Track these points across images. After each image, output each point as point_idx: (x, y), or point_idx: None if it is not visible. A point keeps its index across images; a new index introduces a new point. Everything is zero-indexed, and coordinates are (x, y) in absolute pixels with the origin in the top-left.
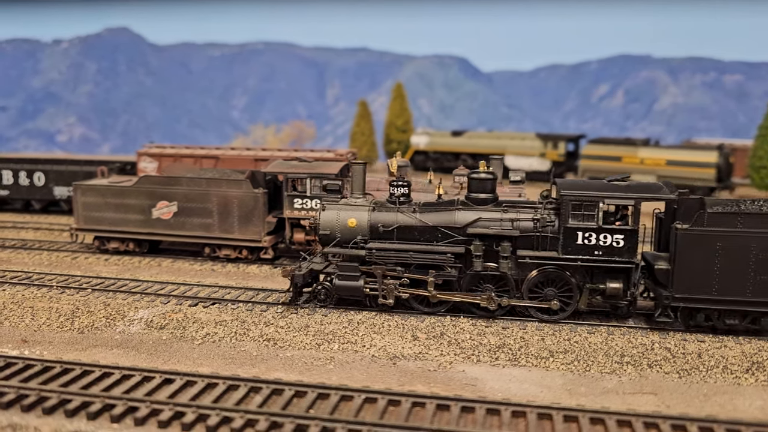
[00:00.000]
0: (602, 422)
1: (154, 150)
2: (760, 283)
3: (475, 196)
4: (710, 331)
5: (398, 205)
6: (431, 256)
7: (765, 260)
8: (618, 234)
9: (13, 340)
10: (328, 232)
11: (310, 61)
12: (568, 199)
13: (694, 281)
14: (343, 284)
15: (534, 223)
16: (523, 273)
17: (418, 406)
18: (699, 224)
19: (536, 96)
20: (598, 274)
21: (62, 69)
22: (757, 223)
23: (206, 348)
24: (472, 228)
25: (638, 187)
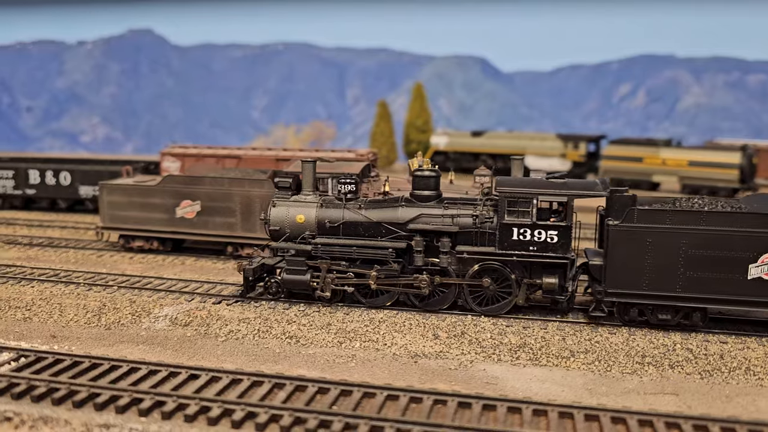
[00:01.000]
0: (623, 422)
1: (177, 150)
2: (690, 279)
3: (419, 193)
4: (645, 326)
5: (345, 201)
6: (373, 251)
7: (694, 256)
8: (552, 230)
9: (42, 336)
10: (278, 227)
11: (330, 62)
12: (504, 195)
13: (625, 276)
14: (290, 278)
15: (473, 219)
16: (464, 268)
17: (440, 404)
18: (629, 220)
19: (557, 96)
20: (535, 269)
21: (86, 70)
22: (686, 220)
23: (230, 345)
24: (413, 224)
25: (572, 185)
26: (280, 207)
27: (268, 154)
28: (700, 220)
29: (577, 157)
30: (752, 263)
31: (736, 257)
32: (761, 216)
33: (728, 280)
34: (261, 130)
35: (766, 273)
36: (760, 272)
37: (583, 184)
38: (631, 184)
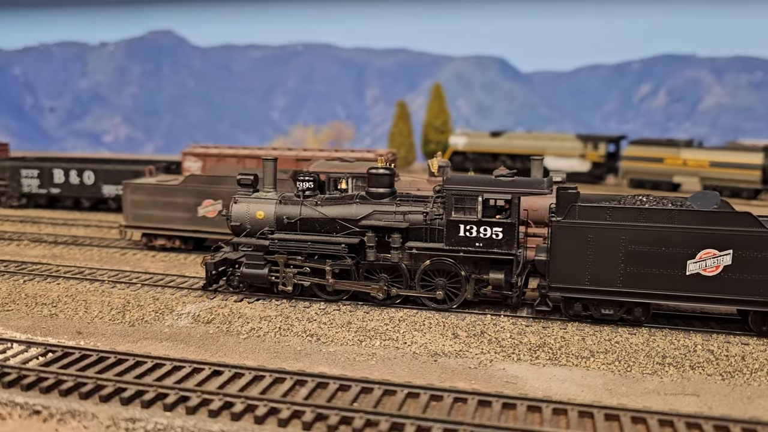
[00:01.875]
0: (644, 421)
1: (199, 150)
2: (630, 274)
3: (374, 190)
4: (589, 321)
5: (303, 198)
6: (327, 246)
7: (634, 252)
8: (497, 227)
9: (68, 332)
10: (239, 223)
11: (349, 62)
12: (451, 193)
13: (567, 271)
14: (249, 272)
15: (424, 216)
16: (416, 264)
17: (460, 402)
18: (570, 216)
19: (576, 96)
20: (483, 265)
21: (108, 71)
22: (626, 217)
23: (251, 342)
24: (366, 220)
25: (517, 183)
26: (242, 203)
27: (289, 154)
28: (639, 217)
29: (596, 157)
30: (690, 259)
31: (674, 253)
32: (699, 213)
33: (668, 276)
34: (280, 130)
35: (704, 269)
36: (698, 268)
37: (528, 183)
38: (652, 185)
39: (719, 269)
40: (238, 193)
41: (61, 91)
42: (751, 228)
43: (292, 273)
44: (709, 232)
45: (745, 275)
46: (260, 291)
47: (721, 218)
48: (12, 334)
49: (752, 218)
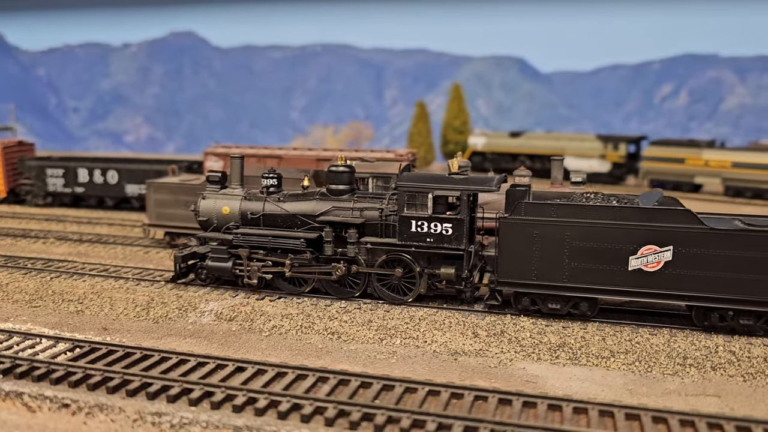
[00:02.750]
0: (665, 421)
1: (220, 149)
2: (574, 270)
3: (334, 187)
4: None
5: (266, 195)
6: (287, 241)
7: (578, 248)
8: (447, 223)
9: (94, 328)
10: (206, 218)
11: (368, 63)
12: (403, 190)
13: (515, 266)
14: (214, 265)
15: (379, 212)
16: (374, 258)
17: (481, 400)
18: (517, 213)
19: (596, 97)
20: (436, 260)
21: (130, 72)
22: (570, 213)
23: (273, 340)
24: (324, 216)
25: (466, 180)
26: (209, 199)
27: (309, 154)
28: (582, 214)
29: (616, 158)
30: (632, 255)
31: (617, 249)
32: (639, 210)
33: (611, 271)
34: (300, 130)
35: (645, 265)
36: (640, 264)
37: (478, 180)
38: (673, 186)
39: (660, 265)
40: (207, 189)
41: (84, 91)
42: (691, 225)
43: (257, 267)
44: (649, 229)
45: (685, 271)
46: (226, 283)
47: (661, 215)
48: (40, 329)
49: (691, 215)
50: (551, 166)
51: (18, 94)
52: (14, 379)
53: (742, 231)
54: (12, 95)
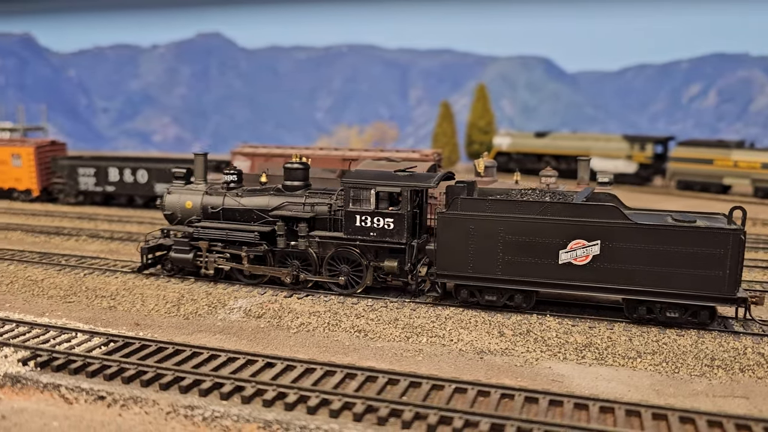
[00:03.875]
0: (692, 422)
1: (248, 149)
2: (508, 263)
3: (289, 183)
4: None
5: (226, 190)
6: (242, 234)
7: (511, 242)
8: (389, 218)
9: (127, 323)
10: (171, 212)
11: (393, 63)
12: (348, 186)
13: (453, 260)
14: (176, 256)
15: (328, 207)
16: (325, 251)
17: (507, 398)
18: (454, 208)
19: (623, 97)
20: (382, 253)
21: (159, 73)
22: (504, 209)
23: (301, 337)
24: (277, 210)
25: (408, 177)
26: (174, 194)
27: (335, 154)
28: (514, 209)
29: (643, 158)
30: (562, 249)
31: (547, 243)
32: (568, 206)
33: (542, 265)
34: (325, 130)
35: (574, 258)
36: (570, 258)
37: (419, 177)
38: (701, 187)
39: (588, 258)
40: (173, 184)
41: (114, 92)
42: (616, 220)
43: (213, 258)
44: (578, 224)
45: (612, 264)
46: (189, 274)
47: (589, 210)
48: (75, 324)
49: (617, 211)
50: (578, 166)
51: (49, 94)
52: (51, 372)
53: (663, 226)
54: (44, 96)
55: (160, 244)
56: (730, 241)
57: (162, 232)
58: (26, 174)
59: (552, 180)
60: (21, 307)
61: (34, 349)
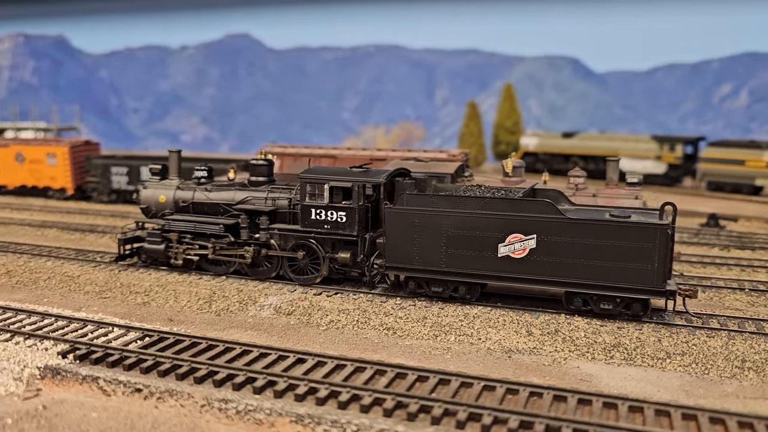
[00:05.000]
0: (722, 422)
1: (277, 149)
2: (451, 256)
3: (254, 179)
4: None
5: (196, 185)
6: (208, 227)
7: (453, 235)
8: (341, 211)
9: (160, 319)
10: (146, 206)
11: (419, 63)
12: (304, 181)
13: (400, 252)
14: (149, 247)
15: (288, 201)
16: (286, 243)
17: (536, 396)
18: (400, 204)
19: (652, 97)
20: (337, 245)
21: (188, 73)
22: (447, 204)
23: (331, 334)
24: (241, 204)
25: (358, 173)
26: (149, 189)
27: (363, 154)
28: (456, 204)
29: (673, 159)
30: (501, 243)
31: (487, 237)
32: (506, 201)
33: (483, 258)
34: (351, 130)
35: (513, 252)
36: (508, 251)
37: (370, 173)
38: (732, 188)
39: (526, 252)
40: (149, 180)
41: (144, 92)
42: (551, 215)
43: (182, 249)
44: (515, 218)
45: (548, 258)
46: (163, 265)
47: (526, 206)
48: (111, 319)
49: (552, 206)
50: (607, 166)
51: (82, 95)
52: (90, 365)
53: (593, 221)
54: (76, 96)
55: (137, 236)
56: (657, 235)
57: (137, 224)
58: (61, 173)
59: (581, 180)
60: (59, 302)
61: (73, 342)
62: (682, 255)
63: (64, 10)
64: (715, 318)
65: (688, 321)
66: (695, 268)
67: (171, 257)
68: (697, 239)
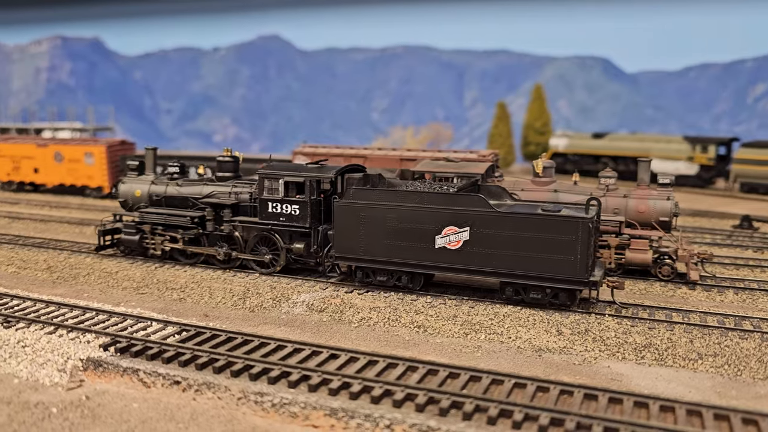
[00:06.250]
0: (755, 423)
1: (308, 149)
2: (393, 247)
3: (221, 174)
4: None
5: (169, 180)
6: (177, 219)
7: (395, 228)
8: (295, 204)
9: (196, 315)
10: (124, 199)
11: (449, 64)
12: (262, 176)
13: (347, 244)
14: (125, 238)
15: (249, 195)
16: (249, 234)
17: (566, 394)
18: (347, 198)
19: (684, 97)
20: (294, 237)
21: (219, 74)
22: (390, 198)
23: (362, 331)
24: (207, 198)
25: (310, 169)
26: (127, 184)
27: (393, 154)
28: (397, 198)
29: (705, 160)
30: (437, 235)
31: (426, 229)
32: (442, 195)
33: (422, 249)
34: (380, 131)
35: (448, 243)
36: (444, 242)
37: (321, 169)
38: (766, 189)
39: (460, 243)
40: (127, 175)
41: (177, 93)
42: (483, 209)
43: (155, 240)
44: (449, 212)
45: (480, 249)
46: (140, 255)
47: (459, 200)
48: (149, 313)
49: (483, 200)
50: (638, 167)
51: (116, 96)
52: (130, 357)
53: (520, 214)
54: (111, 97)
55: (116, 227)
56: (579, 228)
57: (114, 216)
58: (98, 172)
59: (611, 181)
60: (98, 297)
61: (114, 335)
62: (715, 257)
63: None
64: (748, 320)
65: (617, 311)
66: (728, 270)
67: (146, 247)
68: (730, 241)
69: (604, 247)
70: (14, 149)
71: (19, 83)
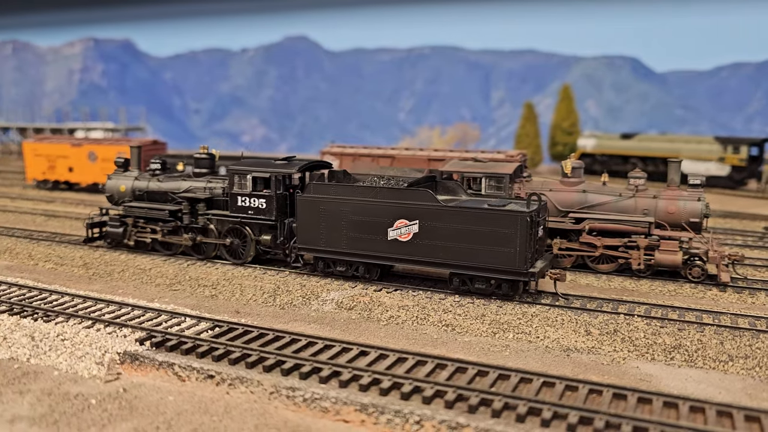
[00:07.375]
0: None
1: (336, 149)
2: (351, 239)
3: (197, 170)
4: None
5: (151, 176)
6: (155, 212)
7: (352, 221)
8: (261, 198)
9: (228, 311)
10: (110, 194)
11: (475, 64)
12: (232, 172)
13: (309, 235)
14: (110, 231)
15: (222, 190)
16: (223, 227)
17: (595, 393)
18: (308, 192)
19: (716, 97)
20: (264, 229)
21: (247, 75)
22: (347, 193)
23: (391, 329)
24: (184, 193)
25: (276, 165)
26: (113, 180)
27: (420, 155)
28: (353, 193)
29: (736, 161)
30: (390, 228)
31: (379, 222)
32: (394, 190)
33: (376, 241)
34: (407, 131)
35: (400, 235)
36: (396, 235)
37: (287, 165)
38: None
39: (410, 236)
40: (114, 172)
41: (206, 94)
42: (430, 203)
43: (134, 231)
44: (400, 205)
45: (428, 241)
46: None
47: (409, 194)
48: (183, 309)
49: (430, 195)
50: (668, 168)
51: (147, 96)
52: (166, 351)
53: (463, 208)
54: (142, 98)
55: (103, 221)
56: (518, 222)
57: (101, 210)
58: None
59: (641, 182)
60: (133, 293)
61: (149, 330)
62: (746, 258)
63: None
64: None
65: (554, 300)
66: (759, 272)
67: (129, 239)
68: (762, 243)
69: (633, 248)
70: (50, 149)
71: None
